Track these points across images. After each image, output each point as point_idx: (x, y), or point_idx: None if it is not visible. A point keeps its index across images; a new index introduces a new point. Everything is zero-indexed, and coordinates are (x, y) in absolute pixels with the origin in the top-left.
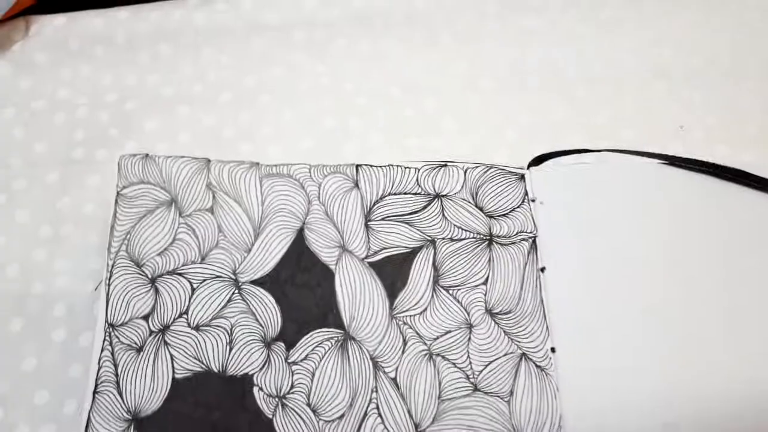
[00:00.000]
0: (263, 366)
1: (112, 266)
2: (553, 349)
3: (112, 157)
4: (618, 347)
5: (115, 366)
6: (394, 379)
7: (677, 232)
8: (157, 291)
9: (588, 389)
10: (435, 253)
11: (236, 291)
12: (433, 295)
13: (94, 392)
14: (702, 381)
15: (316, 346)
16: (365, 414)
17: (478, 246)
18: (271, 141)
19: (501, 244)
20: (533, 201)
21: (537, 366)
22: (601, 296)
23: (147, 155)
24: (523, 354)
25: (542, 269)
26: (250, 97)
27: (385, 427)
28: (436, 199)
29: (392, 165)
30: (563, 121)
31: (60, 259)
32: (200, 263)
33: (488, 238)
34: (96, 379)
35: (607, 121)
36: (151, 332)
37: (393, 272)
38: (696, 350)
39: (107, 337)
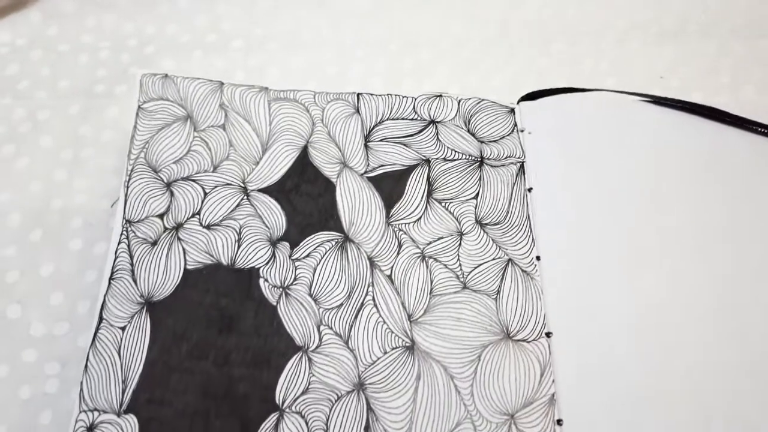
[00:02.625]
0: (269, 261)
1: (131, 170)
2: (538, 258)
3: (131, 92)
4: (598, 259)
5: (131, 257)
6: (389, 276)
7: (656, 161)
8: (172, 194)
9: (571, 294)
10: (429, 171)
11: (245, 197)
12: (426, 207)
13: (110, 279)
14: (674, 286)
15: (318, 246)
16: (362, 304)
17: (469, 166)
18: (278, 83)
19: (491, 166)
20: (522, 131)
21: (523, 271)
22: (584, 215)
23: (166, 75)
24: (510, 260)
25: (529, 189)
26: (259, 45)
27: (380, 316)
28: (431, 125)
29: (391, 94)
30: (547, 71)
31: (79, 179)
32: (212, 172)
33: (479, 160)
34: (112, 268)
35: (589, 70)
36: (166, 229)
37: (390, 186)
38: (668, 264)
39: (124, 232)
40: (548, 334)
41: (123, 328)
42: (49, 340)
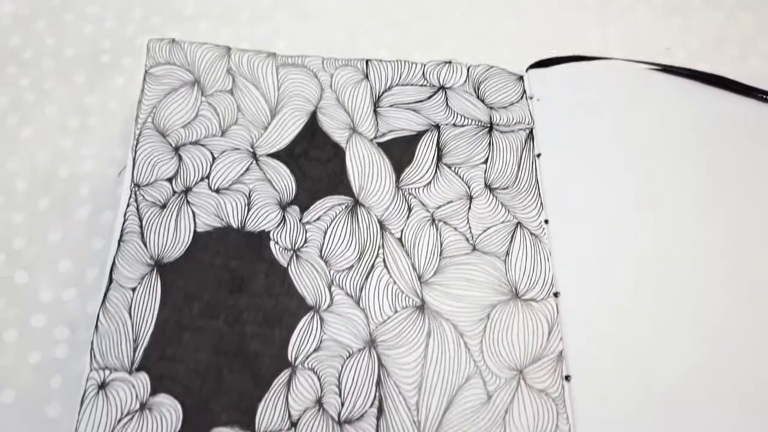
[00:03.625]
0: (279, 224)
1: (139, 135)
2: (546, 221)
3: (137, 63)
4: (605, 222)
5: (140, 219)
6: (400, 239)
7: (663, 128)
8: (180, 158)
9: (579, 256)
10: (439, 136)
11: (254, 162)
12: (436, 171)
13: (120, 241)
14: (681, 248)
15: (328, 210)
16: (372, 266)
17: (479, 132)
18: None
19: (500, 132)
20: (531, 98)
21: (532, 234)
22: (592, 180)
23: (173, 40)
24: (519, 222)
25: (538, 155)
26: (266, 16)
27: (391, 277)
28: (441, 91)
29: (400, 60)
30: (555, 42)
31: (85, 148)
32: (221, 137)
33: (489, 125)
34: (121, 230)
35: (597, 41)
36: (175, 192)
37: (399, 151)
38: (675, 227)
39: (133, 195)
40: (556, 294)
41: (133, 290)
42: (57, 306)
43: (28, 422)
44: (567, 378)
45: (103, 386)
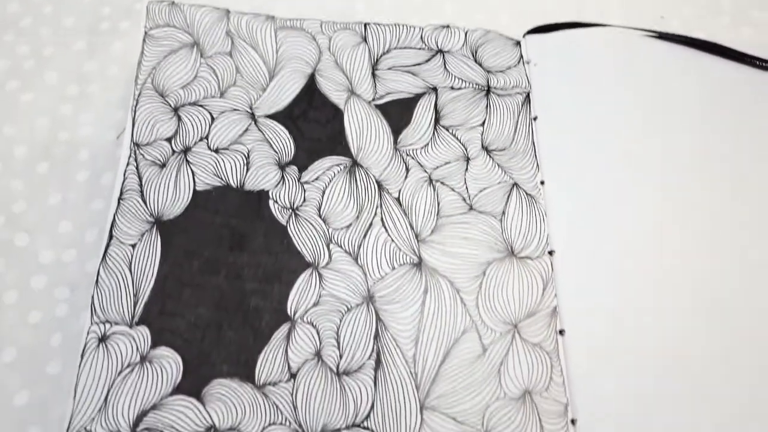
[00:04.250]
0: (278, 184)
1: (139, 95)
2: (542, 182)
3: (136, 28)
4: (601, 184)
5: (140, 178)
6: (398, 199)
7: (659, 94)
8: (179, 118)
9: (574, 216)
10: (437, 99)
11: (252, 123)
12: (434, 133)
13: (119, 198)
14: (674, 209)
15: (326, 170)
16: (371, 224)
17: (476, 95)
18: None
19: (498, 95)
20: (528, 63)
21: (528, 194)
22: (587, 143)
23: (173, 2)
24: (515, 183)
25: (535, 118)
26: None
27: (389, 235)
28: (439, 54)
29: (398, 24)
30: (552, 10)
31: (85, 113)
32: (219, 98)
33: (486, 89)
34: (121, 188)
35: (594, 9)
36: (174, 152)
37: (397, 113)
38: (669, 189)
39: (132, 154)
40: (551, 253)
41: (133, 246)
42: (57, 267)
43: (29, 380)
44: (561, 332)
45: (103, 339)
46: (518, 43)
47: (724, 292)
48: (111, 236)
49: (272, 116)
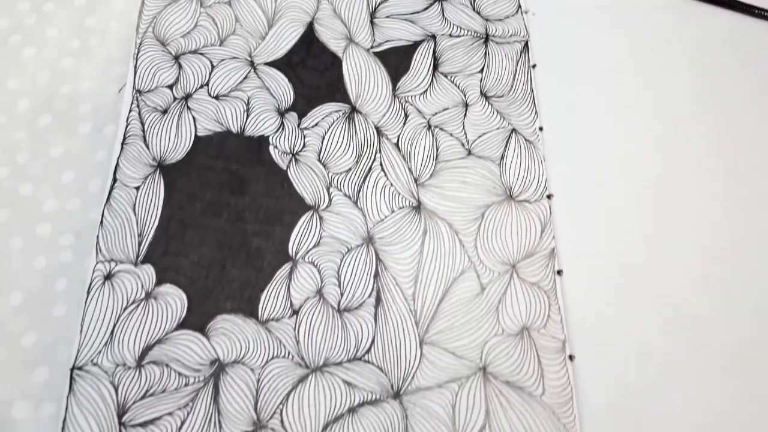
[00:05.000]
0: (278, 130)
1: (140, 44)
2: (541, 128)
3: None
4: (598, 129)
5: (142, 123)
6: (396, 144)
7: (655, 41)
8: (180, 66)
9: (572, 161)
10: (435, 46)
11: (252, 70)
12: (432, 80)
13: (122, 143)
14: (670, 152)
15: (326, 116)
16: (370, 169)
17: (475, 42)
18: None
19: (496, 43)
20: (526, 12)
21: (526, 140)
22: (585, 90)
23: None
24: (514, 129)
25: (533, 66)
26: None
27: (388, 179)
28: (437, 2)
29: None
30: None
31: (86, 67)
32: (219, 46)
33: (484, 36)
34: (124, 133)
35: None
36: (175, 98)
37: (396, 60)
38: (666, 133)
39: (135, 101)
40: (549, 196)
41: (137, 188)
42: (62, 215)
43: (35, 322)
44: (559, 272)
45: (108, 277)
46: None
47: (721, 233)
48: (115, 179)
49: (271, 64)
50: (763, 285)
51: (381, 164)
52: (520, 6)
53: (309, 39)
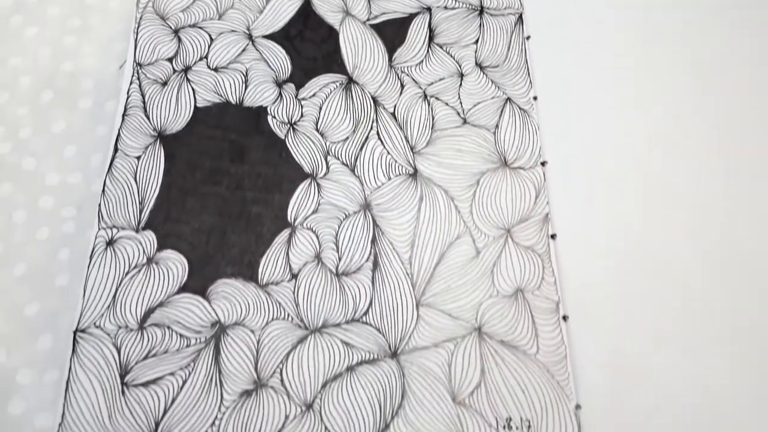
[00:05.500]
0: (276, 100)
1: (140, 18)
2: (535, 98)
3: None
4: (593, 97)
5: (143, 95)
6: (393, 113)
7: (650, 10)
8: (180, 40)
9: (566, 130)
10: (431, 18)
11: (250, 43)
12: (428, 51)
13: (124, 115)
14: (667, 119)
15: (323, 87)
16: (367, 138)
17: (470, 14)
18: None
19: (491, 15)
20: None
21: (521, 109)
22: (579, 59)
23: None
24: (508, 98)
25: (528, 37)
26: None
27: (384, 148)
28: None
29: None
30: None
31: (88, 45)
32: (218, 20)
33: (479, 8)
34: (125, 105)
35: None
36: (175, 71)
37: (392, 32)
38: (660, 98)
39: (135, 74)
40: (543, 163)
41: (138, 158)
42: (64, 188)
43: (39, 291)
44: (553, 236)
45: (110, 243)
46: None
47: (714, 198)
48: (116, 149)
49: (269, 37)
50: (755, 245)
51: (378, 133)
52: None
53: (306, 12)
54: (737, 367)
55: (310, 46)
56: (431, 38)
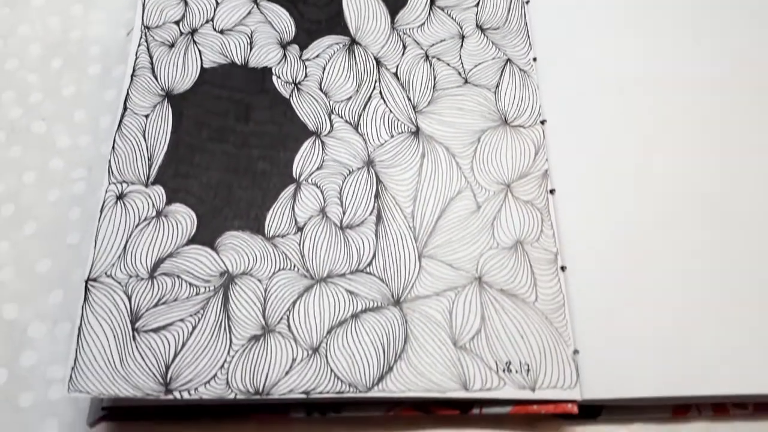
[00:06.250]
0: (280, 61)
1: None
2: (534, 59)
3: None
4: (593, 57)
5: (150, 57)
6: (395, 74)
7: None
8: (186, 3)
9: (566, 88)
10: None
11: (255, 6)
12: (430, 13)
13: (132, 75)
14: (666, 83)
15: (326, 48)
16: (370, 97)
17: None
18: None
19: None
20: None
21: (521, 69)
22: (580, 22)
23: None
24: (509, 59)
25: (527, 1)
26: None
27: (387, 107)
28: None
29: None
30: None
31: (95, 12)
32: None
33: None
34: (133, 66)
35: None
36: (182, 33)
37: None
38: (661, 56)
39: (143, 36)
40: (543, 122)
41: (146, 116)
42: (74, 150)
43: (49, 249)
44: (552, 192)
45: (120, 197)
46: None
47: (711, 150)
48: (125, 108)
49: (273, 0)
50: (754, 196)
51: (380, 92)
52: None
53: None
54: (732, 312)
55: (313, 8)
56: (432, 1)
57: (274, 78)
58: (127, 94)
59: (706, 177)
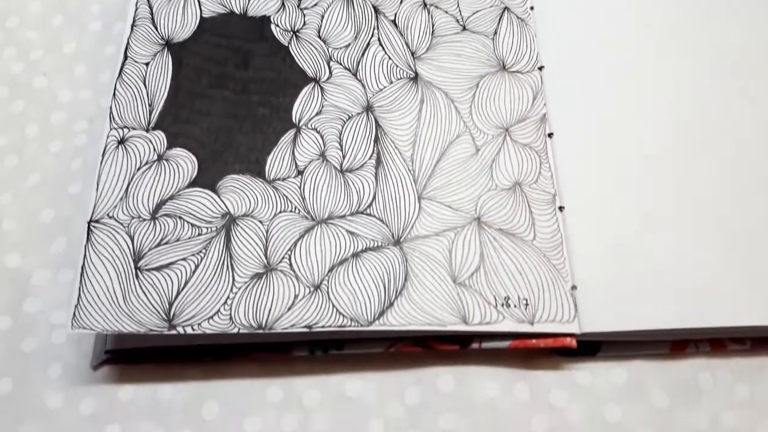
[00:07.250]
0: (278, 10)
1: None
2: (532, 8)
3: None
4: (590, 7)
5: (150, 7)
6: (393, 21)
7: None
8: None
9: (564, 35)
10: None
11: None
12: None
13: (132, 25)
14: (662, 26)
15: None
16: (368, 44)
17: None
18: None
19: None
20: None
21: (518, 17)
22: None
23: None
24: (506, 7)
25: None
26: None
27: (386, 53)
28: None
29: None
30: None
31: None
32: None
33: None
34: (134, 16)
35: None
36: None
37: None
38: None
39: None
40: (540, 68)
41: (147, 64)
42: (75, 104)
43: (52, 200)
44: (550, 135)
45: (122, 142)
46: None
47: (708, 92)
48: (126, 57)
49: None
50: (743, 134)
51: (379, 39)
52: None
53: None
54: (728, 245)
55: None
56: None
57: (272, 26)
58: (128, 43)
59: (701, 115)
